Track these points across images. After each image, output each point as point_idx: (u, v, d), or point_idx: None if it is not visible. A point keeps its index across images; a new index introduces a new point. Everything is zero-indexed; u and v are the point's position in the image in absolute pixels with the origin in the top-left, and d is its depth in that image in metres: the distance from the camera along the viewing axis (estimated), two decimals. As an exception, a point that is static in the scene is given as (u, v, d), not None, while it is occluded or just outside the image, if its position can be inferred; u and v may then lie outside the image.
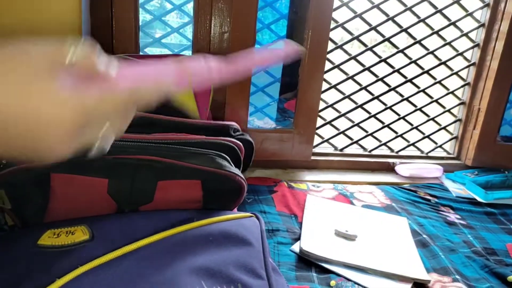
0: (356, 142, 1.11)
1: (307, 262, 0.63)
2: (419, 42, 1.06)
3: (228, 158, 0.56)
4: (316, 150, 1.09)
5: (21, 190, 0.48)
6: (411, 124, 1.13)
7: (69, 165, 0.47)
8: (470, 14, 1.06)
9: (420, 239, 0.73)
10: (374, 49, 1.05)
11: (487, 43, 1.06)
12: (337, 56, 1.04)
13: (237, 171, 0.54)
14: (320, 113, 1.05)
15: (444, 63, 1.09)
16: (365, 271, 0.62)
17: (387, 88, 1.09)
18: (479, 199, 0.93)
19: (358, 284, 0.59)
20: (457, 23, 1.06)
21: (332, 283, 0.58)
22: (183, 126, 0.68)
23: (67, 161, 0.42)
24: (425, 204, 0.90)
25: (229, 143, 0.61)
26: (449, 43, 1.07)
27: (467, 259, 0.69)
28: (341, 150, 1.11)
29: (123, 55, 0.81)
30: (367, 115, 1.10)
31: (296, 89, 1.01)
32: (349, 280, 0.59)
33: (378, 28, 1.03)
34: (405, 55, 1.07)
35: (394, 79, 1.08)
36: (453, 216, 0.85)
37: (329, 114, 1.08)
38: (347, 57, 1.04)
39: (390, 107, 1.10)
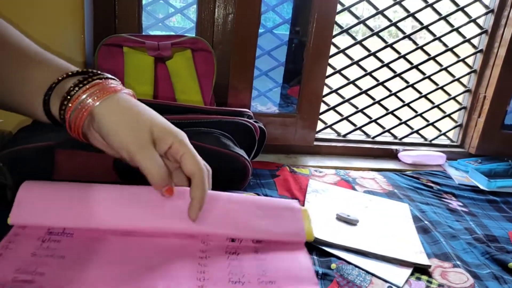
0: (360, 128, 1.11)
1: (308, 245, 0.63)
2: (426, 27, 1.04)
3: (233, 139, 0.56)
4: (319, 135, 1.08)
5: (25, 165, 0.47)
6: (416, 111, 1.12)
7: (73, 143, 0.47)
8: (479, 0, 1.04)
9: (421, 225, 0.73)
10: (380, 34, 1.03)
11: (496, 30, 1.04)
12: (342, 41, 1.03)
13: (241, 152, 0.54)
14: (324, 98, 1.04)
15: (451, 49, 1.07)
16: (366, 255, 0.62)
17: (392, 74, 1.08)
18: (481, 187, 0.93)
19: (359, 268, 0.59)
20: (465, 9, 1.04)
21: (333, 266, 0.58)
22: (199, 111, 0.68)
23: (72, 139, 0.42)
24: (428, 191, 0.89)
25: (245, 123, 0.61)
26: (456, 29, 1.06)
27: (468, 245, 0.69)
28: (344, 136, 1.10)
29: (126, 35, 0.80)
30: (371, 101, 1.09)
31: (300, 76, 1.00)
32: (349, 263, 0.59)
33: (384, 12, 1.01)
34: (412, 40, 1.05)
35: (400, 65, 1.07)
36: (455, 203, 0.85)
37: (332, 99, 1.07)
38: (353, 41, 1.03)
39: (394, 94, 1.09)
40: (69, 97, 0.37)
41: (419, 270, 0.60)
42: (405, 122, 1.12)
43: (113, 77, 0.40)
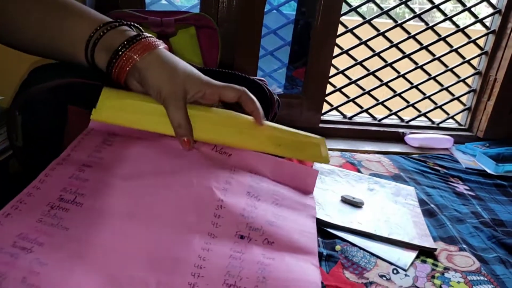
0: (366, 110, 1.09)
1: (313, 226, 0.63)
2: (436, 7, 1.01)
3: None
4: (324, 117, 1.06)
5: (37, 119, 0.46)
6: (423, 94, 1.09)
7: (86, 101, 0.45)
8: (493, -22, 1.00)
9: (427, 209, 0.72)
10: (390, 14, 1.00)
11: (510, 9, 1.01)
12: (350, 22, 1.00)
13: None
14: (330, 80, 1.02)
15: (462, 30, 1.04)
16: (371, 237, 0.61)
17: (400, 55, 1.05)
18: (489, 171, 0.92)
19: (363, 250, 0.58)
20: (478, -12, 1.01)
21: (337, 248, 0.58)
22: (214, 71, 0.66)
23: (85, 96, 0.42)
24: (434, 175, 0.88)
25: (260, 82, 0.60)
26: (468, 9, 1.02)
27: (474, 229, 0.68)
28: (350, 118, 1.09)
29: (129, 10, 0.78)
30: (378, 83, 1.07)
31: (306, 57, 0.97)
32: (354, 245, 0.59)
33: (395, -10, 0.98)
34: (422, 20, 1.02)
35: (409, 46, 1.04)
36: (462, 187, 0.84)
37: (339, 80, 1.05)
38: (361, 21, 1.00)
39: (402, 75, 1.07)
40: (117, 56, 0.42)
41: (425, 253, 0.60)
42: (412, 105, 1.10)
43: (150, 35, 0.45)
